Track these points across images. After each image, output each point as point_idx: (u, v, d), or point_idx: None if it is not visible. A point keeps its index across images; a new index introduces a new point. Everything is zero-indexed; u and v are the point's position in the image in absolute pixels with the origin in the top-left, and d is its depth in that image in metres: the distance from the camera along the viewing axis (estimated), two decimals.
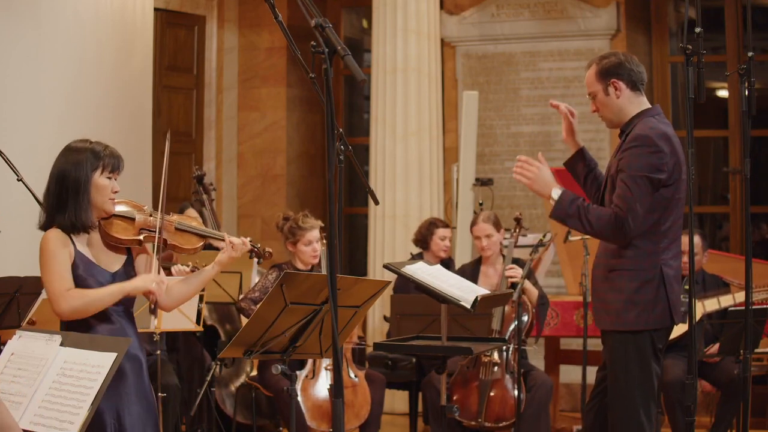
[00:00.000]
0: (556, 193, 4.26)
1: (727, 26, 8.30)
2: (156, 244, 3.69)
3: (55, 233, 3.58)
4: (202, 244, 3.80)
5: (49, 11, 6.83)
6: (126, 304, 3.68)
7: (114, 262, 3.68)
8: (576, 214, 4.21)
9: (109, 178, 3.63)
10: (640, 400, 4.13)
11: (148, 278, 3.61)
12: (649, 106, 4.27)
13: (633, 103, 4.26)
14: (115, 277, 3.65)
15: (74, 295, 3.52)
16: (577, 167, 4.47)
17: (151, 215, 3.72)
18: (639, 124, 4.20)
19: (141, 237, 3.68)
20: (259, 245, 3.92)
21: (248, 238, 3.87)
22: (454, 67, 8.76)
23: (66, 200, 3.58)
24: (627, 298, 4.15)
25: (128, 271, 3.70)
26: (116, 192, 3.66)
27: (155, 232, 3.68)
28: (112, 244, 3.68)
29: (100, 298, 3.54)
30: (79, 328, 3.54)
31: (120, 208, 3.69)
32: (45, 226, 3.64)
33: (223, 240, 3.82)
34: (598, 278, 4.32)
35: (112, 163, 3.64)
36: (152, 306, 3.66)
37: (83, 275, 3.59)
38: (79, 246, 3.61)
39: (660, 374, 4.24)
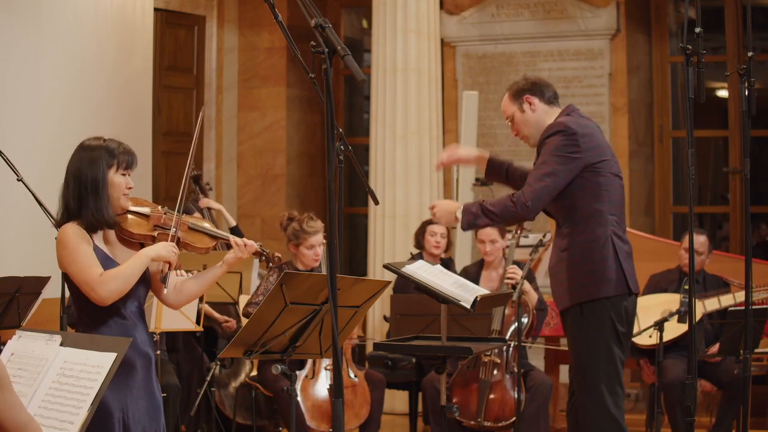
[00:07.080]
0: (459, 210, 4.35)
1: (727, 26, 8.30)
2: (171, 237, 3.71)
3: (72, 227, 3.59)
4: (213, 244, 3.83)
5: (49, 11, 6.83)
6: (139, 300, 3.71)
7: (128, 257, 3.70)
8: (480, 212, 4.30)
9: (124, 174, 3.66)
10: (603, 376, 4.17)
11: (167, 245, 3.64)
12: None
13: (548, 113, 4.37)
14: None
15: (109, 278, 3.54)
16: (494, 172, 4.62)
17: (165, 214, 3.75)
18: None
19: (155, 233, 3.72)
20: (268, 250, 3.92)
21: (258, 243, 3.88)
22: (454, 67, 8.76)
23: (86, 200, 3.60)
24: (581, 271, 4.24)
25: None
26: (130, 188, 3.69)
27: (169, 229, 3.71)
28: (126, 238, 3.71)
29: (132, 272, 3.57)
30: (91, 324, 3.58)
31: (135, 207, 3.72)
32: (62, 224, 3.65)
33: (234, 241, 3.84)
34: (552, 261, 4.42)
35: (127, 159, 3.66)
36: (165, 274, 3.69)
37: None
38: (96, 241, 3.64)
39: (623, 360, 4.29)
